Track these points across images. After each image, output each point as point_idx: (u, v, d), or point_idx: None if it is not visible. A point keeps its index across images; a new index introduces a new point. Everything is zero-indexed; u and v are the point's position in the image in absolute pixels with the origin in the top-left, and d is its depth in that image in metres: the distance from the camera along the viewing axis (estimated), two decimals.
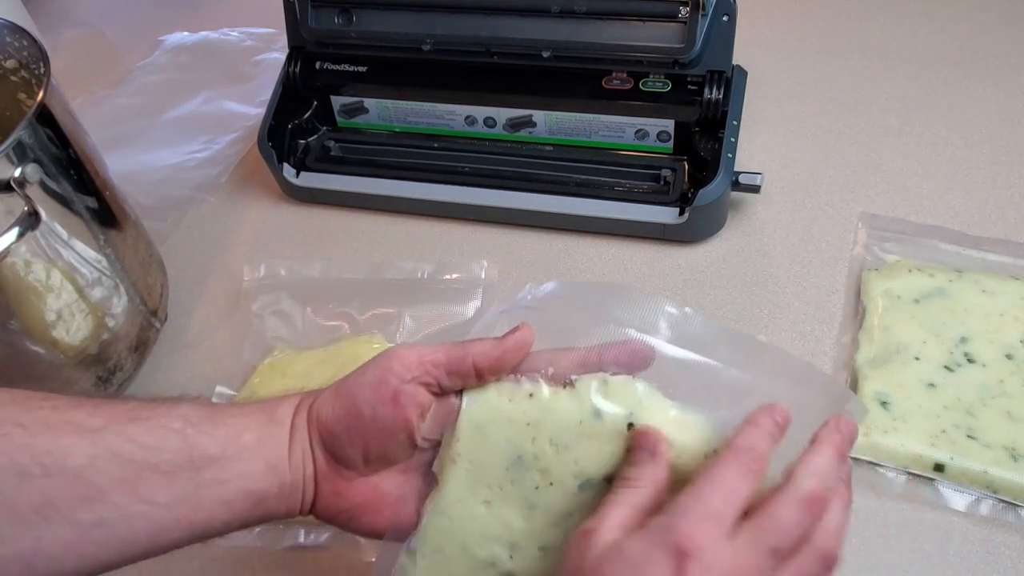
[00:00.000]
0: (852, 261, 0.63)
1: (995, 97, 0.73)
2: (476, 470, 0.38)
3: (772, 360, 0.40)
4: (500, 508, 0.38)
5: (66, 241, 0.53)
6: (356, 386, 0.38)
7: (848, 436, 0.35)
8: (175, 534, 0.36)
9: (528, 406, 0.38)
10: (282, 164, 0.72)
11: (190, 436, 0.37)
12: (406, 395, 0.37)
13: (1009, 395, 0.52)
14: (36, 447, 0.34)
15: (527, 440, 0.38)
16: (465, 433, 0.38)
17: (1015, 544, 0.48)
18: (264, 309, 0.65)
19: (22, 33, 0.55)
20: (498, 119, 0.70)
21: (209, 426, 0.37)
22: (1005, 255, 0.60)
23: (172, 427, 0.36)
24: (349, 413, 0.38)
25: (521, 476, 0.38)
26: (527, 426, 0.38)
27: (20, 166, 0.48)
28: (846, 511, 0.34)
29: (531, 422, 0.38)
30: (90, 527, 0.34)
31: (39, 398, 0.36)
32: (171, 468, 0.36)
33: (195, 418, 0.37)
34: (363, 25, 0.69)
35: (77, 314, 0.56)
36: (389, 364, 0.37)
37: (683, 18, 0.61)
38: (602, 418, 0.37)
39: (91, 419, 0.35)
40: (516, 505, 0.38)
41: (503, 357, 0.37)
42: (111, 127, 0.85)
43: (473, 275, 0.65)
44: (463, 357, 0.37)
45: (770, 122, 0.75)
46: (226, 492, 0.37)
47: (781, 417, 0.35)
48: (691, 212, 0.62)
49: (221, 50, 0.95)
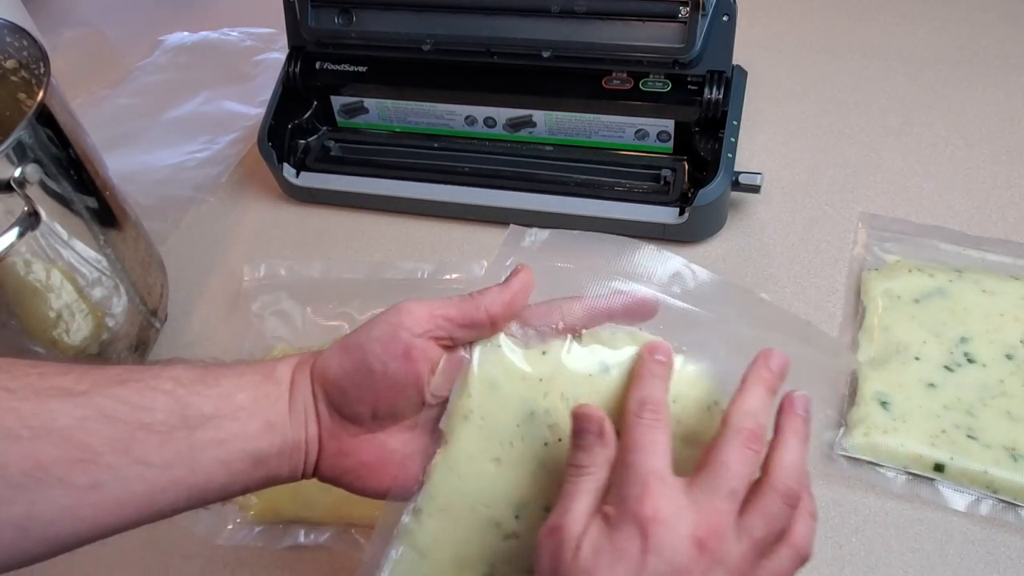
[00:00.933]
0: (852, 261, 0.63)
1: (995, 97, 0.73)
2: (488, 427, 0.38)
3: (773, 316, 0.40)
4: (510, 466, 0.38)
5: (66, 241, 0.53)
6: (366, 341, 0.37)
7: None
8: (172, 496, 0.35)
9: (540, 362, 0.38)
10: (282, 164, 0.72)
11: (182, 396, 0.35)
12: (418, 350, 0.36)
13: (1009, 395, 0.52)
14: (23, 411, 0.33)
15: (539, 395, 0.38)
16: (477, 390, 0.38)
17: (1015, 544, 0.48)
18: (264, 309, 0.65)
19: (22, 33, 0.55)
20: (498, 119, 0.70)
21: (201, 386, 0.36)
22: (1005, 255, 0.60)
23: (162, 388, 0.35)
24: (358, 369, 0.37)
25: (532, 432, 0.38)
26: (539, 381, 0.38)
27: (20, 166, 0.48)
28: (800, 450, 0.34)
29: (543, 377, 0.38)
30: (85, 489, 0.33)
31: (26, 365, 0.35)
32: (164, 428, 0.34)
33: (186, 379, 0.36)
34: (363, 25, 0.69)
35: (77, 314, 0.56)
36: (399, 319, 0.37)
37: (683, 18, 0.61)
38: (611, 372, 0.38)
39: (78, 384, 0.34)
40: (526, 463, 0.38)
41: (512, 301, 0.37)
42: (111, 127, 0.85)
43: (473, 275, 0.65)
44: (475, 308, 0.37)
45: (770, 122, 0.75)
46: (224, 452, 0.36)
47: (777, 365, 0.35)
48: (691, 212, 0.62)
49: (221, 50, 0.95)
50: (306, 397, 0.38)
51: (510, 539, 0.38)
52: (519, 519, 0.38)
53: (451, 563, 0.38)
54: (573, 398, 0.38)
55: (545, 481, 0.38)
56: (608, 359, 0.38)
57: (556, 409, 0.38)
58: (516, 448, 0.38)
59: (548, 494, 0.37)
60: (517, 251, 0.41)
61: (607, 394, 0.37)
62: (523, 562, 0.37)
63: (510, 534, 0.38)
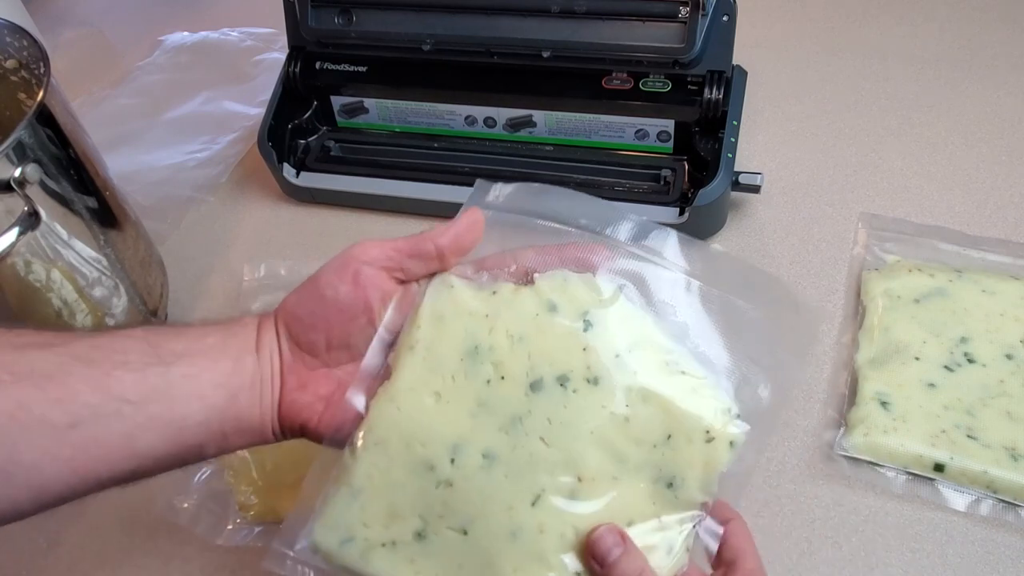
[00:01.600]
0: (852, 261, 0.63)
1: (995, 97, 0.73)
2: (431, 359, 0.38)
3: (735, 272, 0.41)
4: (449, 402, 0.38)
5: (66, 241, 0.53)
6: (320, 272, 0.39)
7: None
8: (152, 436, 0.36)
9: (489, 300, 0.39)
10: (282, 164, 0.72)
11: (153, 340, 0.37)
12: (366, 277, 0.38)
13: (1009, 395, 0.52)
14: (3, 360, 0.34)
15: (484, 330, 0.38)
16: (425, 321, 0.39)
17: (1015, 544, 0.48)
18: (264, 309, 0.65)
19: (22, 33, 0.55)
20: (498, 119, 0.70)
21: (171, 332, 0.38)
22: (1005, 255, 0.60)
23: (134, 335, 0.37)
24: (312, 296, 0.39)
25: (475, 368, 0.38)
26: (485, 317, 0.38)
27: (20, 166, 0.48)
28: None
29: (490, 313, 0.38)
30: (64, 429, 0.33)
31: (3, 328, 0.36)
32: (139, 366, 0.36)
33: (156, 330, 0.38)
34: (363, 25, 0.69)
35: (77, 314, 0.56)
36: (351, 251, 0.39)
37: (683, 18, 0.61)
38: (557, 311, 0.38)
39: (55, 338, 0.36)
40: (465, 400, 0.38)
41: (460, 235, 0.39)
42: (111, 127, 0.85)
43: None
44: (423, 240, 0.39)
45: (770, 122, 0.75)
46: (198, 385, 0.37)
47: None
48: (691, 212, 0.62)
49: (221, 50, 0.95)
50: (271, 336, 0.39)
51: (442, 487, 0.37)
52: (454, 463, 0.37)
53: (384, 512, 0.38)
54: (518, 336, 0.38)
55: (486, 424, 0.37)
56: (556, 299, 0.38)
57: (500, 346, 0.38)
58: (457, 383, 0.38)
59: (488, 439, 0.37)
60: (482, 205, 0.42)
61: (552, 333, 0.38)
62: (455, 518, 0.37)
63: (443, 480, 0.37)
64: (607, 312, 0.38)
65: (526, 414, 0.37)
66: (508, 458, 0.37)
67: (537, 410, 0.37)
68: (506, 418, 0.37)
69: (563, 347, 0.37)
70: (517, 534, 0.36)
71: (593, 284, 0.39)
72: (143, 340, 0.37)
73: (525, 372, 0.37)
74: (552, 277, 0.39)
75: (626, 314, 0.38)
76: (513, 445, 0.37)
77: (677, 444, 0.37)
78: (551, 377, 0.37)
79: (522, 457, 0.37)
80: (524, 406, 0.37)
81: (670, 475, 0.37)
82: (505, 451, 0.37)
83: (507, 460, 0.37)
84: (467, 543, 0.37)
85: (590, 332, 0.37)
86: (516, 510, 0.36)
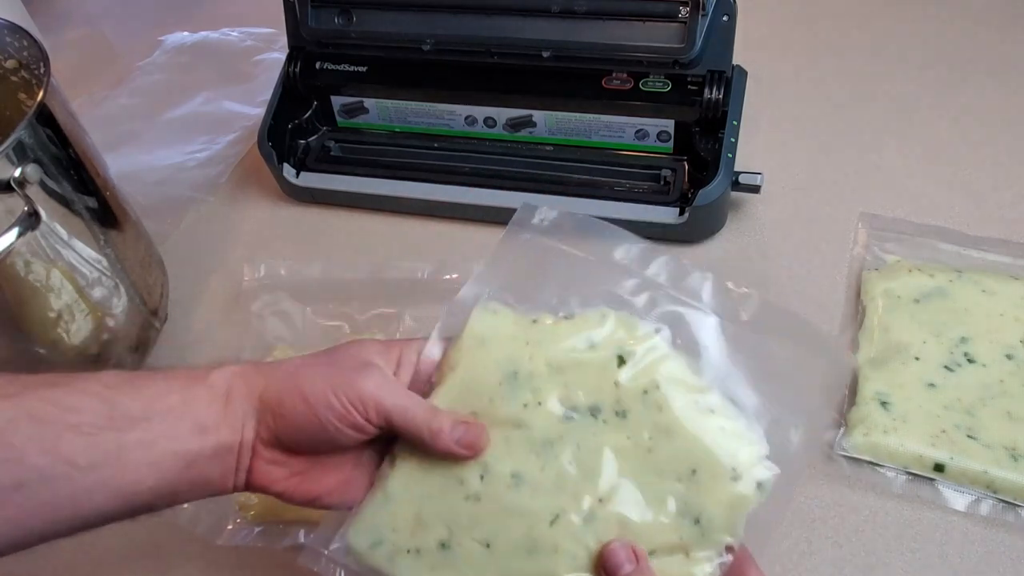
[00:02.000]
0: (852, 261, 0.63)
1: (995, 97, 0.73)
2: (471, 379, 0.39)
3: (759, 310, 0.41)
4: (486, 424, 0.39)
5: (66, 241, 0.53)
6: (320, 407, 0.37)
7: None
8: (99, 499, 0.34)
9: (529, 328, 0.40)
10: (282, 164, 0.72)
11: (110, 397, 0.35)
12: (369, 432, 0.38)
13: (1009, 395, 0.52)
14: None
15: (525, 357, 0.39)
16: (467, 343, 0.40)
17: (1015, 544, 0.48)
18: (264, 309, 0.65)
19: (22, 33, 0.55)
20: (498, 119, 0.70)
21: (130, 389, 0.36)
22: (1005, 255, 0.60)
23: (91, 391, 0.35)
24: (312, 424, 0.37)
25: (512, 392, 0.39)
26: (527, 345, 0.40)
27: (20, 166, 0.48)
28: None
29: (531, 342, 0.40)
30: (9, 490, 0.33)
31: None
32: (92, 430, 0.34)
33: (116, 383, 0.36)
34: (363, 25, 0.69)
35: (77, 314, 0.56)
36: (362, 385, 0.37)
37: (683, 18, 0.61)
38: (596, 348, 0.39)
39: (7, 387, 0.34)
40: (501, 423, 0.39)
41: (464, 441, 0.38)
42: (111, 127, 0.85)
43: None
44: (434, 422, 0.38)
45: (770, 122, 0.75)
46: (152, 453, 0.35)
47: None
48: (691, 212, 0.62)
49: (221, 50, 0.95)
50: (246, 409, 0.38)
51: (471, 501, 0.38)
52: (483, 480, 0.38)
53: (412, 519, 0.39)
54: (557, 367, 0.39)
55: (519, 446, 0.38)
56: (595, 336, 0.39)
57: (539, 374, 0.39)
58: (494, 405, 0.39)
59: (519, 460, 0.38)
60: (527, 228, 0.43)
61: (588, 366, 0.39)
62: (479, 531, 0.38)
63: (471, 495, 0.38)
64: (641, 351, 0.39)
65: (558, 439, 0.38)
66: (536, 479, 0.38)
67: (568, 436, 0.38)
68: (539, 442, 0.38)
69: (596, 381, 0.39)
70: (533, 551, 0.37)
71: (631, 323, 0.40)
72: (99, 397, 0.35)
73: (560, 400, 0.39)
74: (592, 313, 0.40)
75: (660, 354, 0.39)
76: (542, 466, 0.38)
77: (701, 480, 0.37)
78: (584, 407, 0.38)
79: (549, 478, 0.38)
80: (557, 431, 0.38)
81: (697, 511, 0.37)
82: (534, 472, 0.38)
83: (534, 481, 0.38)
84: (487, 556, 0.38)
85: (623, 368, 0.39)
86: (535, 528, 0.37)
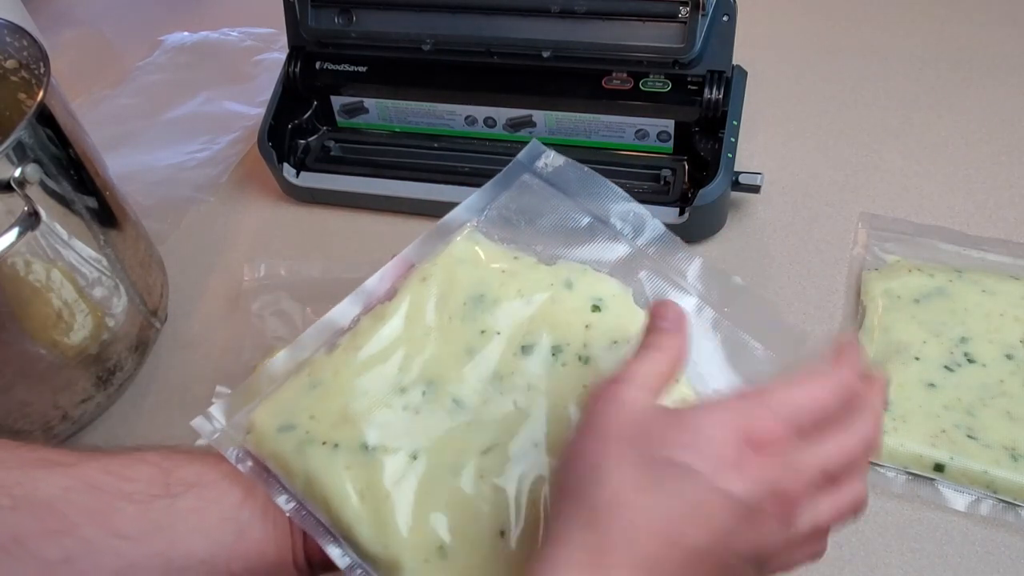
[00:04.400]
0: (852, 261, 0.63)
1: (995, 97, 0.73)
2: (437, 295, 0.39)
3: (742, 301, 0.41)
4: (439, 340, 0.38)
5: (66, 241, 0.53)
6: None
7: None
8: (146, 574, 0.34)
9: (511, 261, 0.40)
10: (282, 164, 0.72)
11: (167, 467, 0.35)
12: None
13: (1009, 395, 0.52)
14: (7, 479, 0.33)
15: (496, 283, 0.39)
16: (444, 259, 0.39)
17: (1015, 544, 0.48)
18: (264, 309, 0.65)
19: (22, 33, 0.55)
20: (498, 119, 0.70)
21: (185, 459, 0.36)
22: (1005, 255, 0.60)
23: (148, 460, 0.36)
24: None
25: (474, 314, 0.38)
26: (502, 272, 0.39)
27: (20, 166, 0.48)
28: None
29: (506, 270, 0.39)
30: (56, 564, 0.32)
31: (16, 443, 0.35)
32: (145, 498, 0.34)
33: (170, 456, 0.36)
34: (363, 25, 0.69)
35: (77, 314, 0.56)
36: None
37: (683, 18, 0.61)
38: (572, 289, 0.39)
39: (66, 457, 0.34)
40: (456, 343, 0.38)
41: None
42: (111, 127, 0.85)
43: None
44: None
45: (770, 122, 0.75)
46: (204, 520, 0.35)
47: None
48: (691, 212, 0.62)
49: (221, 50, 0.95)
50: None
51: (408, 412, 0.37)
52: (424, 396, 0.37)
53: (338, 412, 0.37)
54: (528, 297, 0.38)
55: (467, 373, 0.37)
56: (573, 277, 0.39)
57: (507, 301, 0.38)
58: (453, 324, 0.38)
59: (463, 386, 0.37)
60: (530, 169, 0.43)
61: (561, 305, 0.38)
62: (408, 442, 0.36)
63: (410, 406, 0.37)
64: (618, 302, 0.39)
65: (508, 374, 0.37)
66: (477, 411, 0.37)
67: (520, 372, 0.37)
68: (487, 372, 0.37)
69: (567, 320, 0.38)
70: (457, 474, 0.36)
71: (609, 280, 0.40)
72: (156, 466, 0.35)
73: (522, 333, 0.38)
74: (572, 264, 0.40)
75: (635, 314, 0.39)
76: (484, 400, 0.37)
77: None
78: (546, 345, 0.37)
79: (489, 414, 0.36)
80: (509, 366, 0.37)
81: None
82: (475, 403, 0.37)
83: (474, 412, 0.37)
84: (409, 467, 0.36)
85: (596, 314, 0.38)
86: (465, 454, 0.36)
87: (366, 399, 0.37)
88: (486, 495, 0.35)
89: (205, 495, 0.35)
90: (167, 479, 0.35)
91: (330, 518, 0.35)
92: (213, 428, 0.37)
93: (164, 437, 0.59)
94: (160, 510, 0.34)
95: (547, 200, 0.42)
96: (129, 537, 0.33)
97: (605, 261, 0.41)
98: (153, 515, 0.34)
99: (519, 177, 0.43)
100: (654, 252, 0.41)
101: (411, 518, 0.35)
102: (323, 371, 0.37)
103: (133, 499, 0.34)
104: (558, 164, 0.43)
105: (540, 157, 0.43)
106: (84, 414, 0.60)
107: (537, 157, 0.43)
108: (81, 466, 0.34)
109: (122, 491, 0.34)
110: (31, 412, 0.56)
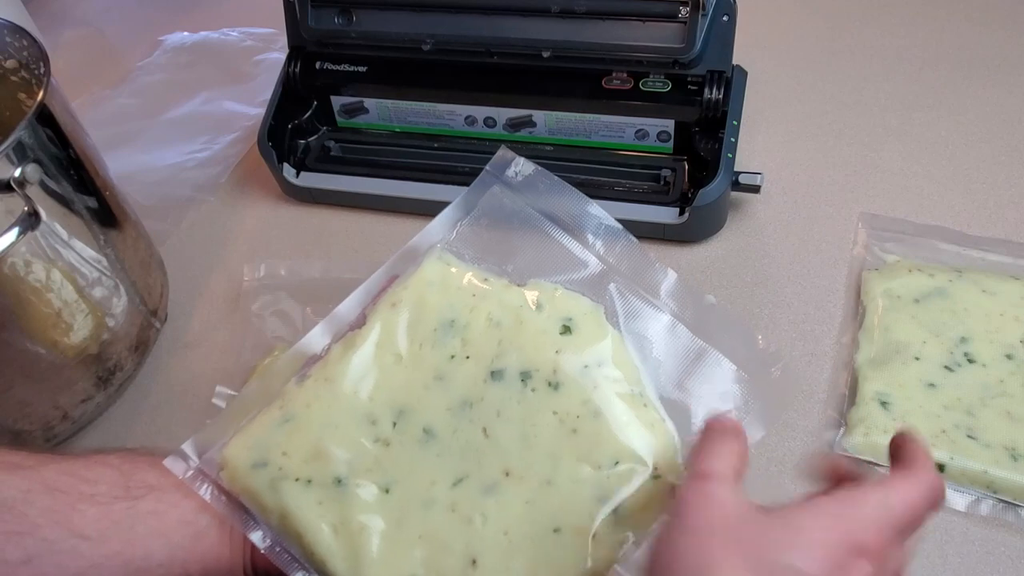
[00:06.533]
0: (852, 261, 0.63)
1: (995, 97, 0.73)
2: (408, 321, 0.38)
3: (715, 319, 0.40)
4: (409, 367, 0.38)
5: (66, 241, 0.53)
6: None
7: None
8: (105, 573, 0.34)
9: (480, 284, 0.39)
10: (282, 164, 0.72)
11: (127, 470, 0.36)
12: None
13: (1009, 395, 0.52)
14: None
15: (466, 307, 0.39)
16: (413, 283, 0.39)
17: (1015, 544, 0.48)
18: (264, 309, 0.65)
19: (22, 33, 0.55)
20: (498, 119, 0.70)
21: (146, 462, 0.37)
22: (1005, 255, 0.60)
23: (109, 462, 0.36)
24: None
25: (445, 340, 0.38)
26: (472, 296, 0.39)
27: (20, 166, 0.48)
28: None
29: (477, 294, 0.39)
30: (16, 564, 0.32)
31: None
32: (106, 500, 0.34)
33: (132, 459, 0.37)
34: (363, 25, 0.69)
35: (77, 314, 0.56)
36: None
37: (683, 18, 0.61)
38: (542, 310, 0.38)
39: (27, 459, 0.35)
40: (425, 370, 0.38)
41: None
42: (111, 127, 0.85)
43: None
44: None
45: (770, 122, 0.75)
46: (163, 523, 0.35)
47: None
48: (691, 212, 0.62)
49: (221, 50, 0.95)
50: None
51: (379, 444, 0.37)
52: (395, 427, 0.37)
53: (309, 448, 0.37)
54: (497, 321, 0.38)
55: (437, 400, 0.37)
56: (544, 300, 0.39)
57: (476, 326, 0.38)
58: (423, 351, 0.38)
59: (434, 416, 0.37)
60: (500, 178, 0.42)
61: (531, 328, 0.38)
62: (380, 475, 0.36)
63: (381, 438, 0.37)
64: (588, 321, 0.38)
65: (478, 400, 0.37)
66: (447, 441, 0.37)
67: (489, 399, 0.37)
68: (457, 399, 0.37)
69: (537, 344, 0.38)
70: (429, 506, 0.36)
71: (581, 300, 0.39)
72: (116, 469, 0.36)
73: (491, 358, 0.37)
74: (543, 284, 0.40)
75: (606, 334, 0.38)
76: (455, 428, 0.37)
77: (622, 472, 0.36)
78: (515, 370, 0.37)
79: (459, 443, 0.36)
80: (479, 392, 0.37)
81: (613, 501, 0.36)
82: (446, 433, 0.37)
83: (445, 442, 0.37)
84: (382, 501, 0.36)
85: (566, 337, 0.38)
86: (436, 486, 0.36)
87: (337, 432, 0.37)
88: (457, 527, 0.35)
89: (165, 498, 0.36)
90: (128, 482, 0.35)
91: (304, 553, 0.36)
92: (187, 466, 0.38)
93: (164, 437, 0.59)
94: (120, 512, 0.35)
95: (517, 214, 0.42)
96: (90, 538, 0.34)
97: (575, 279, 0.40)
98: (114, 517, 0.34)
99: (489, 188, 0.42)
100: (626, 268, 0.41)
101: (385, 552, 0.35)
102: (294, 403, 0.37)
103: (94, 501, 0.34)
104: (528, 172, 0.42)
105: (510, 165, 0.42)
106: (84, 414, 0.60)
107: (507, 165, 0.42)
108: (42, 468, 0.34)
109: (83, 493, 0.34)
110: (31, 412, 0.57)
